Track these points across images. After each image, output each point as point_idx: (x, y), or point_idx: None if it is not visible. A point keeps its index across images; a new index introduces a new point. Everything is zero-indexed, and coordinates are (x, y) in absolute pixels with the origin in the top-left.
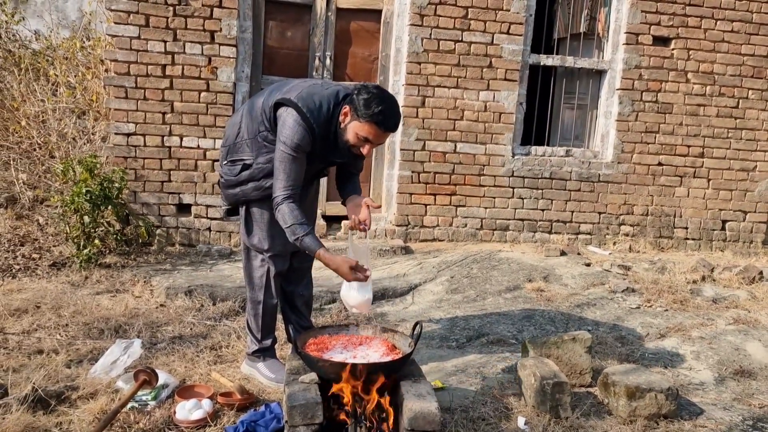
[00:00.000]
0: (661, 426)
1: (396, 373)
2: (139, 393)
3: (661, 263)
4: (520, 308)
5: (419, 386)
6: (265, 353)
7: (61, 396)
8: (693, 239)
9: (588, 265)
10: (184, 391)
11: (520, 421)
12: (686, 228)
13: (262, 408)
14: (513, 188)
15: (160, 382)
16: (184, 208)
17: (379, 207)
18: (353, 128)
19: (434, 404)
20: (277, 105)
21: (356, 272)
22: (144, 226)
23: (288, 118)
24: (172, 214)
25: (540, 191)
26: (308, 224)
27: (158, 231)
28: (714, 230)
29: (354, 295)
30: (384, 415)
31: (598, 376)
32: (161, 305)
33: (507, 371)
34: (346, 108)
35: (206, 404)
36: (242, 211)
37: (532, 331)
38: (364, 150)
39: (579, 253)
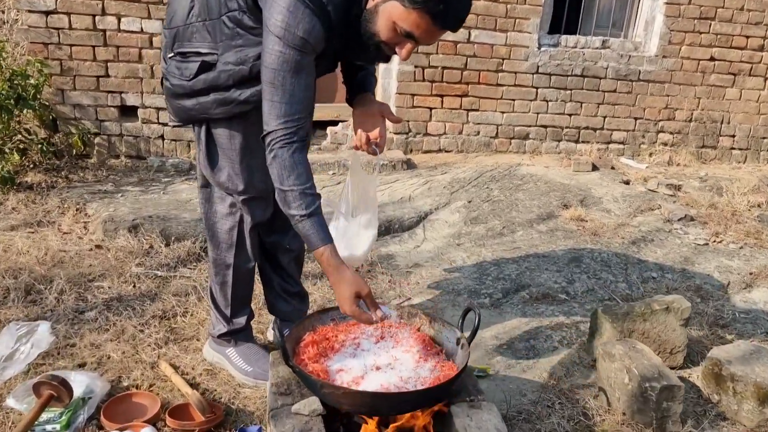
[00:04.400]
0: None
1: (446, 398)
2: (44, 415)
3: (713, 180)
4: (561, 247)
5: (481, 416)
6: (237, 335)
7: None
8: (740, 149)
9: (627, 183)
10: (116, 406)
11: None
12: (733, 136)
13: None
14: (537, 88)
15: (77, 393)
16: (128, 111)
17: (400, 121)
18: (390, 15)
19: None
20: None
21: (361, 308)
22: (78, 133)
23: None
24: (113, 118)
25: (569, 92)
26: (316, 193)
27: (97, 140)
28: (764, 138)
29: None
30: None
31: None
32: (96, 246)
33: (566, 344)
34: None
35: None
36: (201, 133)
37: (585, 281)
38: (403, 51)
39: (613, 168)
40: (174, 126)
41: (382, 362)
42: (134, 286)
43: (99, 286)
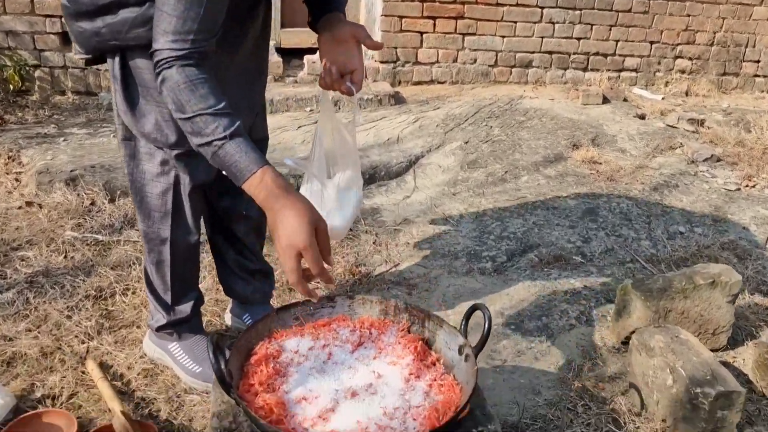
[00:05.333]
0: None
1: None
2: None
3: (738, 113)
4: (573, 194)
5: None
6: (180, 327)
7: None
8: (764, 76)
9: (642, 117)
10: (24, 426)
11: None
12: (758, 62)
13: None
14: (542, 8)
15: None
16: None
17: (381, 46)
18: None
19: None
20: None
21: (315, 258)
22: (13, 66)
23: None
24: (54, 47)
25: (578, 12)
26: (230, 113)
27: (37, 73)
28: None
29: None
30: None
31: None
32: (27, 204)
33: (585, 321)
34: None
35: None
36: (114, 66)
37: (602, 239)
38: None
39: (626, 99)
40: (81, 58)
41: (360, 383)
42: (66, 257)
43: (23, 256)
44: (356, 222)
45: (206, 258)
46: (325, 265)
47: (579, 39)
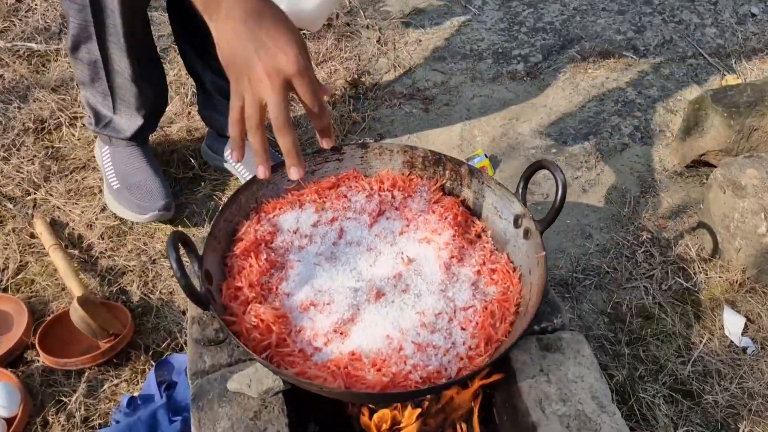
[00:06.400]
0: None
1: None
2: None
3: None
4: None
5: (564, 370)
6: (114, 131)
7: None
8: None
9: None
10: None
11: (732, 325)
12: None
13: (150, 376)
14: None
15: None
16: None
17: None
18: None
19: None
20: None
21: (313, 87)
22: None
23: None
24: None
25: None
26: None
27: None
28: None
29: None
30: None
31: None
32: None
33: (640, 140)
34: None
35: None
36: None
37: (658, 27)
38: None
39: None
40: None
41: (385, 273)
42: None
43: None
44: (352, 13)
45: (171, 72)
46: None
47: None
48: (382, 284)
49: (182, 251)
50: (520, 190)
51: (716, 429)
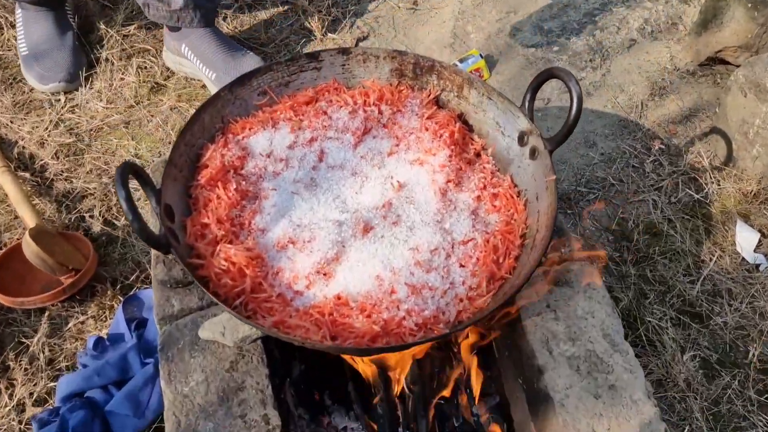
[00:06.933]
0: None
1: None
2: None
3: None
4: None
5: (573, 305)
6: None
7: None
8: None
9: None
10: None
11: (744, 240)
12: None
13: (118, 313)
14: None
15: None
16: None
17: None
18: None
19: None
20: None
21: None
22: None
23: None
24: None
25: None
26: None
27: None
28: None
29: None
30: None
31: None
32: None
33: (650, 35)
34: None
35: None
36: None
37: None
38: None
39: None
40: None
41: (372, 202)
42: None
43: None
44: None
45: None
46: None
47: None
48: (369, 216)
49: (137, 186)
50: (527, 103)
51: (725, 352)
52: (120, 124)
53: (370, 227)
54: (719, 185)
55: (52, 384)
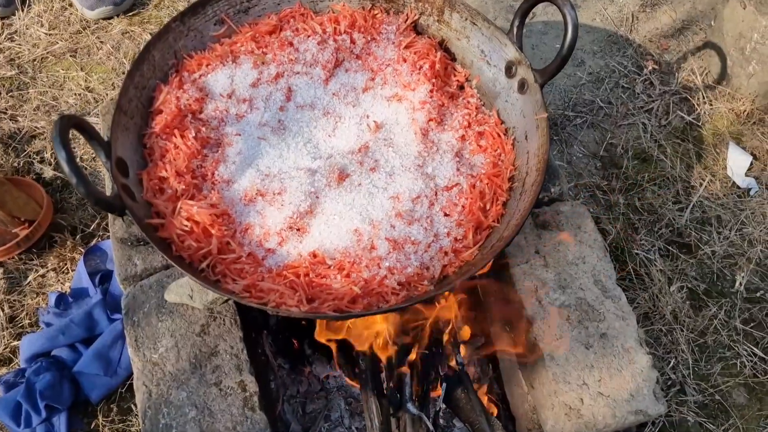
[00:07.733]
0: None
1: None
2: None
3: None
4: None
5: (566, 248)
6: None
7: None
8: None
9: None
10: None
11: (735, 164)
12: None
13: (80, 265)
14: None
15: None
16: None
17: None
18: None
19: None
20: None
21: None
22: None
23: None
24: None
25: None
26: None
27: None
28: None
29: None
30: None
31: None
32: None
33: None
34: None
35: None
36: None
37: None
38: None
39: None
40: None
41: (348, 147)
42: None
43: None
44: None
45: None
46: None
47: None
48: (344, 162)
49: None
50: (515, 30)
51: (712, 281)
52: (66, 52)
53: (346, 175)
54: (711, 106)
55: (15, 343)
